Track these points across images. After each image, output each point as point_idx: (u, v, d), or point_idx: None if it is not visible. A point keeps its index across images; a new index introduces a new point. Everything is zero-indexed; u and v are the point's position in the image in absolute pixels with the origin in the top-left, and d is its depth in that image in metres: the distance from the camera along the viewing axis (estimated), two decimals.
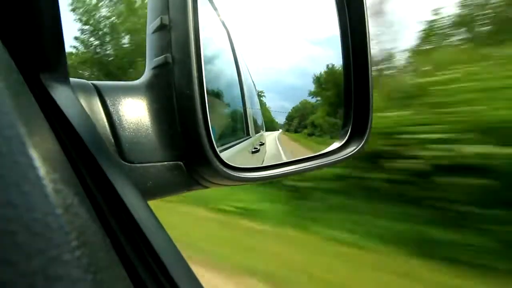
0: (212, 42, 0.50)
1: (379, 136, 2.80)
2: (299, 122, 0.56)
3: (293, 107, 0.53)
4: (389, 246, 2.33)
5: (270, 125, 0.62)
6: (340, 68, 0.51)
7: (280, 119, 0.63)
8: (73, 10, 10.50)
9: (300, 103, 0.55)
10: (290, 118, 0.55)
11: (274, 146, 0.52)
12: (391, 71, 4.19)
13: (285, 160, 0.52)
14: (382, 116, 2.93)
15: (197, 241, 2.61)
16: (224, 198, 3.47)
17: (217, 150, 0.37)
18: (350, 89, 0.58)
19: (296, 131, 0.56)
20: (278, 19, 0.66)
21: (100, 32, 10.87)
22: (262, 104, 0.60)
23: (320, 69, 0.72)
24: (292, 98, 0.73)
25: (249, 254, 2.42)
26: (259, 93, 0.60)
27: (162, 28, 0.36)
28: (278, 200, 3.31)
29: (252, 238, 2.77)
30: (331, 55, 0.64)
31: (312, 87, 0.64)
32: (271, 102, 0.71)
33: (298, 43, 0.73)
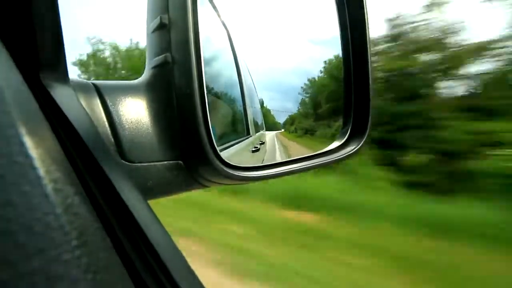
0: (212, 41, 0.50)
1: None
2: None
3: (289, 115, 0.71)
4: None
5: (273, 127, 0.75)
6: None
7: (282, 119, 0.76)
8: None
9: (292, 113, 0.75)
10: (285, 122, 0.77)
11: (273, 139, 0.74)
12: None
13: (277, 147, 0.60)
14: None
15: None
16: None
17: (217, 149, 0.37)
18: (350, 88, 0.58)
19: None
20: (279, 19, 0.66)
21: None
22: (268, 111, 0.75)
23: (321, 68, 0.74)
24: (295, 99, 0.74)
25: None
26: (266, 109, 0.76)
27: (161, 27, 0.36)
28: None
29: None
30: (333, 55, 0.64)
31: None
32: (273, 102, 0.72)
33: (300, 43, 0.73)
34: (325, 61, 0.54)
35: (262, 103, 0.75)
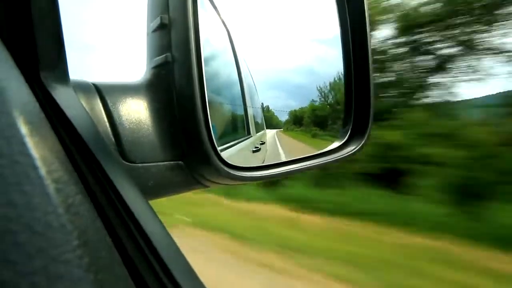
0: (212, 41, 0.50)
1: None
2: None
3: (285, 120, 0.83)
4: None
5: (276, 126, 0.83)
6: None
7: (284, 118, 0.79)
8: None
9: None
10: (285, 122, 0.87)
11: (273, 135, 0.82)
12: None
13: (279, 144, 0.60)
14: None
15: None
16: None
17: (218, 149, 0.37)
18: (350, 88, 0.58)
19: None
20: (280, 19, 0.66)
21: None
22: (272, 114, 0.81)
23: (324, 67, 0.74)
24: (298, 97, 0.74)
25: None
26: (272, 112, 0.82)
27: (162, 27, 0.36)
28: None
29: None
30: (337, 54, 0.64)
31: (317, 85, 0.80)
32: (276, 101, 0.72)
33: (303, 42, 0.73)
34: (295, 109, 0.81)
35: (268, 108, 0.78)
